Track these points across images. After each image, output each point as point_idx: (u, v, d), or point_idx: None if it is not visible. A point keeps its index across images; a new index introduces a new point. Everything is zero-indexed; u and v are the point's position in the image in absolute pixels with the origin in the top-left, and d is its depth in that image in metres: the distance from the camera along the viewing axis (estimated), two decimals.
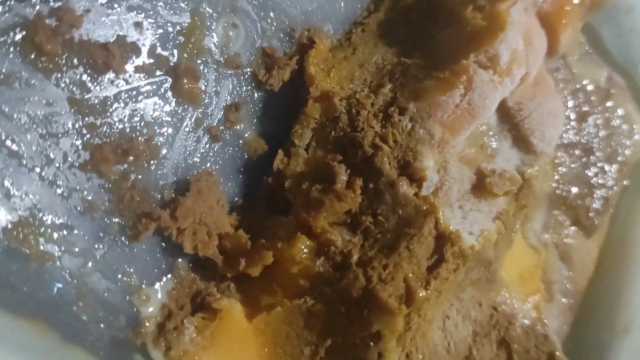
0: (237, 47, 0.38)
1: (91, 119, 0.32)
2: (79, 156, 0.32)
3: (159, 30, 0.35)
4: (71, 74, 0.32)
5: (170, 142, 0.36)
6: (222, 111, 0.38)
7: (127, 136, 0.34)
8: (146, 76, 0.34)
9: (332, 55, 0.42)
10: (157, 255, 0.35)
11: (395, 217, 0.36)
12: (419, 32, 0.43)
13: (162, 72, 0.35)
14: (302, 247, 0.36)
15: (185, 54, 0.36)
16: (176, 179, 0.36)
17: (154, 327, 0.34)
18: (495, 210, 0.42)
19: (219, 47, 0.38)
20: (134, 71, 0.34)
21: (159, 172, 0.35)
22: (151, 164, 0.35)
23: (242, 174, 0.39)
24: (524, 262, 0.47)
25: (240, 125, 0.39)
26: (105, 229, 0.33)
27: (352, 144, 0.38)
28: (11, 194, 0.30)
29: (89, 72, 0.32)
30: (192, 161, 0.37)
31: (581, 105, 0.52)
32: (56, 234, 0.31)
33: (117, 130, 0.33)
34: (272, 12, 0.40)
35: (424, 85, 0.39)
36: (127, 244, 0.34)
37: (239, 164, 0.39)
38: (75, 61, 0.32)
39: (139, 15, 0.34)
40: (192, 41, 0.36)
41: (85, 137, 0.32)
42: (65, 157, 0.32)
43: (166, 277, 0.36)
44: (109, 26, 0.33)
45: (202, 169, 0.37)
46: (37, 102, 0.30)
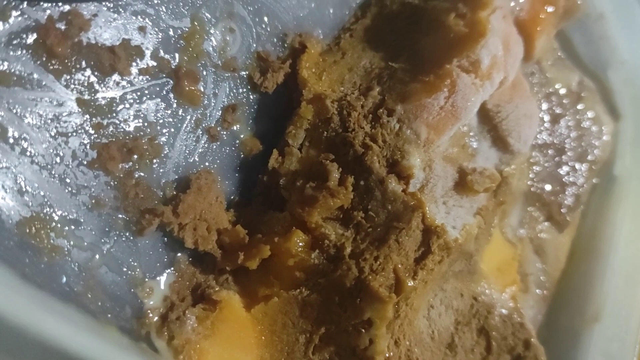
0: (234, 51, 0.40)
1: (98, 119, 0.34)
2: (87, 155, 0.33)
3: (161, 34, 0.37)
4: (80, 76, 0.33)
5: (171, 141, 0.37)
6: (220, 112, 0.40)
7: (131, 135, 0.35)
8: (149, 78, 0.36)
9: (322, 59, 0.44)
10: (159, 250, 0.37)
11: (385, 212, 0.39)
12: (405, 38, 0.45)
13: (164, 75, 0.37)
14: (298, 240, 0.38)
15: (185, 57, 0.38)
16: (177, 177, 0.38)
17: (158, 317, 0.36)
18: (476, 206, 0.44)
19: (217, 50, 0.39)
20: (138, 73, 0.35)
21: (161, 170, 0.37)
22: (154, 162, 0.36)
23: (238, 172, 0.41)
24: (501, 255, 0.50)
25: (236, 125, 0.41)
26: (111, 224, 0.34)
27: (344, 143, 0.40)
28: (24, 190, 0.31)
29: (96, 74, 0.34)
30: (192, 160, 0.38)
31: (554, 107, 0.55)
32: (66, 228, 0.32)
33: (123, 130, 0.35)
34: (266, 18, 0.42)
35: (411, 88, 0.41)
36: (131, 239, 0.35)
37: (235, 163, 0.41)
38: (83, 63, 0.33)
39: (142, 20, 0.36)
40: (192, 45, 0.38)
41: (92, 137, 0.34)
42: (74, 155, 0.33)
43: (168, 270, 0.37)
44: (115, 30, 0.34)
45: (201, 167, 0.39)
46: (47, 103, 0.32)
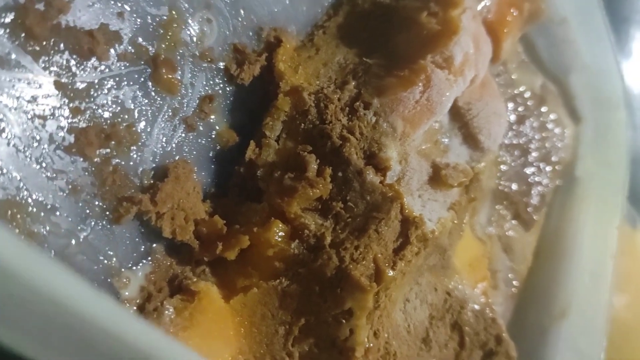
0: (211, 42, 0.40)
1: (76, 102, 0.33)
2: (64, 139, 0.33)
3: (140, 20, 0.36)
4: (58, 58, 0.32)
5: (149, 129, 0.37)
6: (197, 102, 0.39)
7: (109, 121, 0.34)
8: (127, 64, 0.35)
9: (297, 54, 0.45)
10: (136, 239, 0.36)
11: (364, 202, 0.39)
12: (378, 35, 0.46)
13: (142, 62, 0.36)
14: (277, 230, 0.37)
15: (163, 45, 0.37)
16: (154, 165, 0.37)
17: (135, 308, 0.35)
18: (449, 200, 0.45)
19: (195, 40, 0.39)
20: (117, 59, 0.35)
21: (138, 158, 0.36)
22: (132, 149, 0.36)
23: (214, 163, 0.41)
24: (472, 252, 0.51)
25: (213, 116, 0.40)
26: (88, 211, 0.34)
27: (321, 135, 0.40)
28: (0, 172, 0.30)
29: (74, 57, 0.33)
30: (169, 149, 0.38)
31: (519, 109, 0.57)
32: (42, 214, 0.31)
33: (100, 115, 0.34)
34: (242, 11, 0.42)
35: (386, 82, 0.42)
36: (108, 227, 0.34)
37: (211, 154, 0.40)
38: (62, 46, 0.32)
39: (121, 5, 0.35)
40: (170, 33, 0.38)
41: (70, 121, 0.33)
42: (51, 139, 0.32)
43: (144, 260, 0.36)
44: (94, 14, 0.34)
45: (177, 157, 0.38)
46: (25, 84, 0.31)
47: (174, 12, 0.38)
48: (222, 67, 0.41)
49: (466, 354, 0.47)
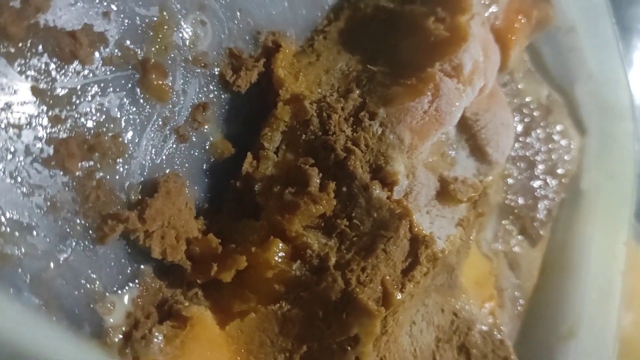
0: (205, 46, 0.37)
1: (56, 111, 0.30)
2: (42, 150, 0.29)
3: (127, 21, 0.33)
4: (35, 62, 0.29)
5: (136, 140, 0.34)
6: (190, 111, 0.36)
7: (93, 132, 0.31)
8: (113, 69, 0.33)
9: (297, 60, 0.42)
10: (122, 260, 0.33)
11: (370, 220, 0.36)
12: (381, 41, 0.43)
13: (130, 66, 0.33)
14: (277, 250, 0.35)
15: (153, 49, 0.34)
16: (143, 179, 0.34)
17: (120, 336, 0.32)
18: (457, 216, 0.42)
19: (187, 44, 0.36)
20: (102, 63, 0.32)
21: (125, 172, 0.33)
22: (117, 162, 0.33)
23: (207, 177, 0.38)
24: (479, 269, 0.48)
25: (207, 126, 0.37)
26: (68, 231, 0.30)
27: (324, 147, 0.37)
28: None
29: (54, 60, 0.30)
30: (159, 162, 0.35)
31: (525, 119, 0.54)
32: (17, 234, 0.28)
33: (83, 124, 0.31)
34: (238, 13, 0.39)
35: (392, 91, 0.39)
36: (91, 247, 0.31)
37: (205, 167, 0.37)
38: (40, 48, 0.29)
39: (107, 5, 0.32)
40: (160, 36, 0.35)
41: (49, 131, 0.30)
42: (27, 150, 0.29)
43: (131, 284, 0.33)
44: (77, 13, 0.31)
45: (168, 170, 0.35)
46: None
47: (165, 13, 0.35)
48: (216, 73, 0.38)
49: None
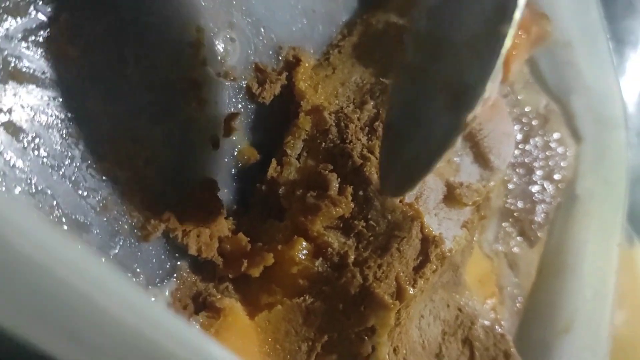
0: (234, 61, 0.41)
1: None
2: (96, 157, 0.33)
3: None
4: None
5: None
6: (221, 120, 0.40)
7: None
8: None
9: (315, 73, 0.45)
10: (162, 257, 0.36)
11: (385, 221, 0.39)
12: (392, 55, 0.47)
13: None
14: (301, 249, 0.38)
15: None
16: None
17: None
18: (462, 219, 0.46)
19: (219, 59, 0.40)
20: None
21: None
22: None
23: (236, 181, 0.41)
24: (481, 268, 0.51)
25: (235, 135, 0.41)
26: (117, 229, 0.34)
27: (342, 154, 0.41)
28: (34, 191, 0.30)
29: None
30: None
31: (525, 128, 0.58)
32: (75, 232, 0.32)
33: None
34: (262, 29, 0.42)
35: None
36: (136, 244, 0.35)
37: (233, 172, 0.41)
38: None
39: None
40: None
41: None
42: (84, 157, 0.32)
43: (170, 278, 0.37)
44: None
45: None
46: (59, 103, 0.31)
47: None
48: (243, 85, 0.41)
49: None
